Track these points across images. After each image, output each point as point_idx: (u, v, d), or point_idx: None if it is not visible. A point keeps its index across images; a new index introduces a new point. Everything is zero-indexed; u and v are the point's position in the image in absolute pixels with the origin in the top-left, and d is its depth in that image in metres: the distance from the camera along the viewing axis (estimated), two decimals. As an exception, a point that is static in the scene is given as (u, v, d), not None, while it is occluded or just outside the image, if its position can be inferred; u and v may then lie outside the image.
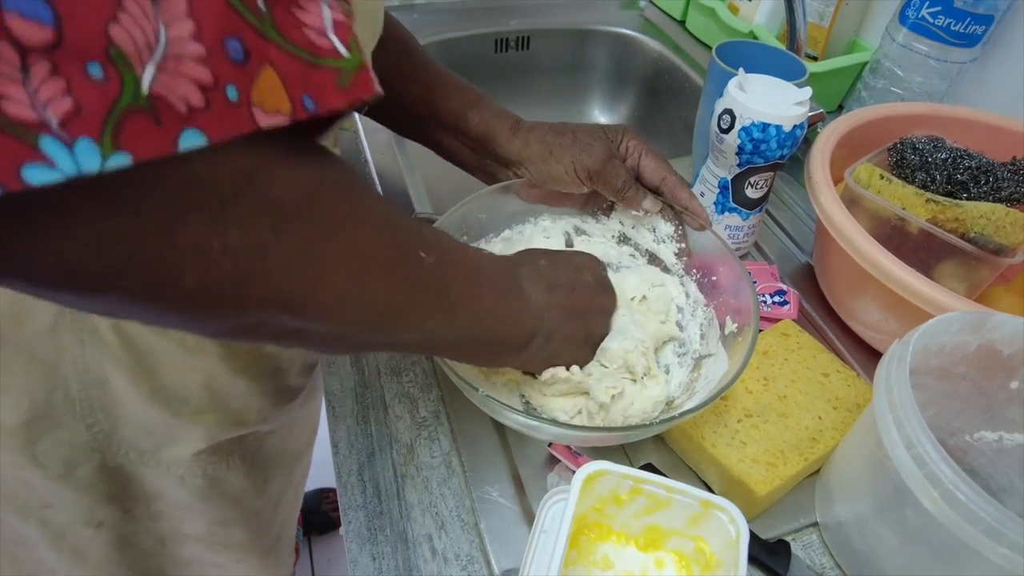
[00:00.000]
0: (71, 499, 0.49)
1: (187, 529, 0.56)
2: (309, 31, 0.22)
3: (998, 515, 0.31)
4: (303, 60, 0.22)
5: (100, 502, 0.50)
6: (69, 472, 0.48)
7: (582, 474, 0.36)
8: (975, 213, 0.52)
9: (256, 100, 0.21)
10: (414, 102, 0.53)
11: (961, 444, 0.47)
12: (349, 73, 0.23)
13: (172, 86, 0.19)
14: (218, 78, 0.20)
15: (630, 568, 0.39)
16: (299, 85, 0.22)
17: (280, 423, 0.59)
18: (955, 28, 0.68)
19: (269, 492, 0.63)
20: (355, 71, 0.24)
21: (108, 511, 0.51)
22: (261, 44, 0.21)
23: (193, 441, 0.50)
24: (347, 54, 0.23)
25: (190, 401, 0.48)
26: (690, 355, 0.50)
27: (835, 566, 0.43)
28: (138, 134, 0.18)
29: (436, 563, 0.42)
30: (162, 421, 0.48)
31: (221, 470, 0.54)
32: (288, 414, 0.59)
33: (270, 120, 0.21)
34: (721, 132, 0.56)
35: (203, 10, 0.19)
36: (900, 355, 0.38)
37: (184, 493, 0.53)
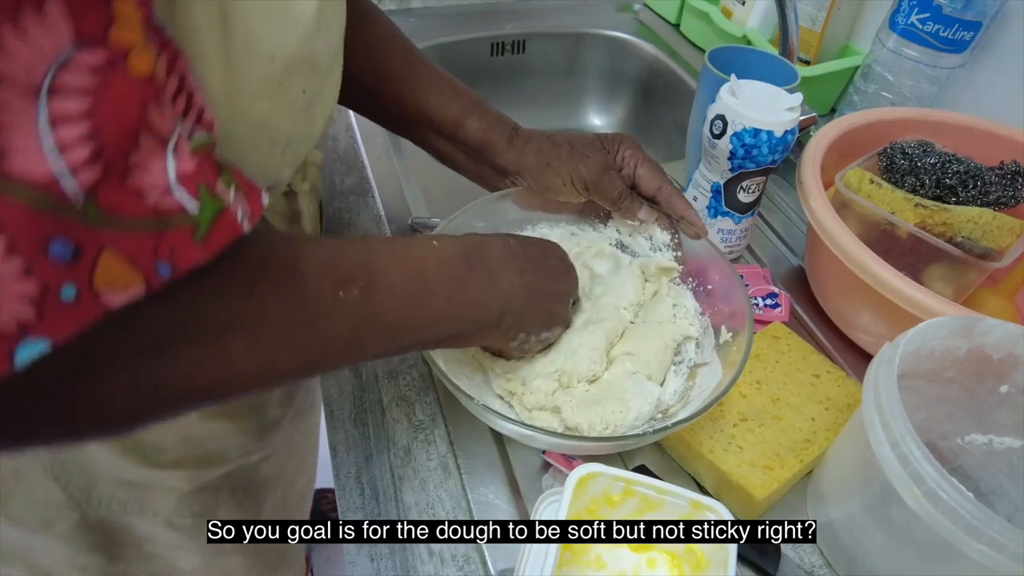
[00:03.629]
0: (52, 547, 0.48)
1: (183, 564, 0.56)
2: (153, 193, 0.21)
3: (978, 513, 0.32)
4: (148, 231, 0.21)
5: (83, 551, 0.50)
6: (46, 527, 0.47)
7: (575, 476, 0.37)
8: (963, 217, 0.52)
9: (101, 285, 0.20)
10: (408, 107, 0.53)
11: (952, 447, 0.48)
12: (206, 223, 0.22)
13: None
14: (48, 284, 0.19)
15: (623, 568, 0.39)
16: (148, 256, 0.21)
17: (272, 449, 0.58)
18: (944, 34, 0.69)
19: (264, 515, 0.62)
20: (212, 220, 0.22)
21: (93, 558, 0.50)
22: (90, 234, 0.20)
23: (175, 487, 0.50)
24: (196, 211, 0.22)
25: (166, 450, 0.47)
26: (685, 363, 0.50)
27: (825, 564, 0.44)
28: None
29: (433, 563, 0.42)
30: (140, 473, 0.48)
31: (210, 507, 0.54)
32: (277, 439, 0.58)
33: (122, 298, 0.21)
34: (713, 137, 0.57)
35: (11, 223, 0.18)
36: (889, 357, 0.39)
37: (174, 534, 0.53)
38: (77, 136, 0.19)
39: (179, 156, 0.22)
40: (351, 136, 0.78)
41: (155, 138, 0.21)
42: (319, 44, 0.34)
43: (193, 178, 0.22)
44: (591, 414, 0.44)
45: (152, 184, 0.21)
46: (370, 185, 0.71)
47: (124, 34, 0.19)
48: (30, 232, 0.18)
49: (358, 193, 0.70)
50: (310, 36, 0.33)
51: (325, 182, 0.71)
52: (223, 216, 0.23)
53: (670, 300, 0.53)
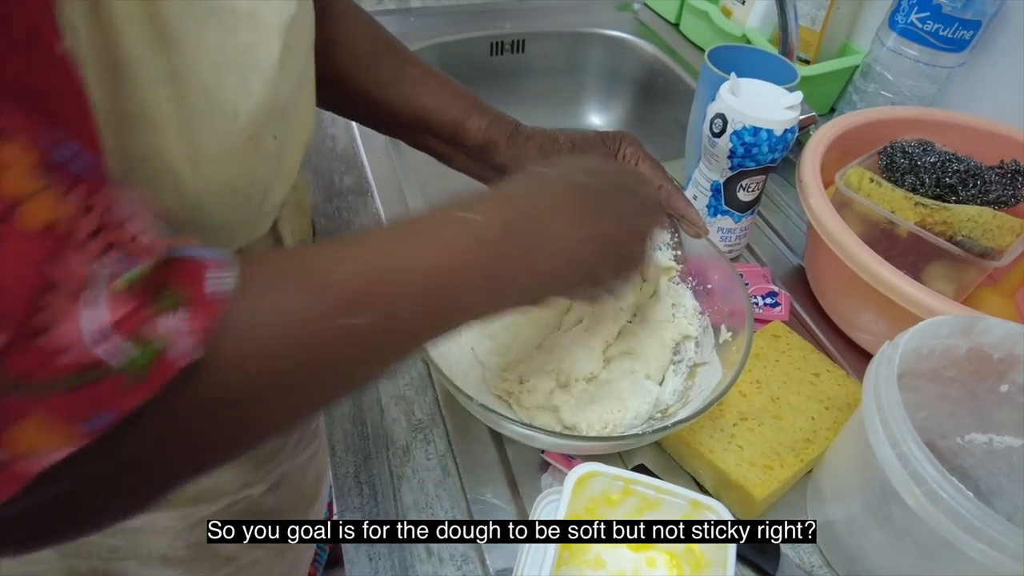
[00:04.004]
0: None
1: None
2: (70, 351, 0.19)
3: (978, 513, 0.31)
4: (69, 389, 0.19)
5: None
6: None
7: (574, 475, 0.37)
8: (963, 216, 0.52)
9: (25, 452, 0.19)
10: (403, 113, 0.52)
11: (952, 446, 0.48)
12: (140, 369, 0.21)
13: None
14: None
15: (622, 567, 0.39)
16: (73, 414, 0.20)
17: (279, 476, 0.57)
18: (943, 33, 0.68)
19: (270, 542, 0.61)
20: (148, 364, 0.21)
21: None
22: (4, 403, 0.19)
23: (169, 527, 0.49)
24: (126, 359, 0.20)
25: None
26: (685, 363, 0.50)
27: (824, 564, 0.44)
28: None
29: (432, 563, 0.42)
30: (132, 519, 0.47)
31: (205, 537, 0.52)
32: (281, 469, 0.57)
33: (50, 459, 0.20)
34: (713, 136, 0.57)
35: None
36: (889, 356, 0.39)
37: (169, 571, 0.52)
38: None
39: (100, 305, 0.20)
40: (350, 135, 0.78)
41: (65, 293, 0.19)
42: (284, 87, 0.32)
43: (116, 328, 0.20)
44: (589, 413, 0.44)
45: (67, 343, 0.19)
46: (369, 184, 0.71)
47: (14, 184, 0.18)
48: None
49: (357, 192, 0.70)
50: (274, 83, 0.31)
51: (323, 182, 0.71)
52: (161, 357, 0.21)
53: (669, 300, 0.52)
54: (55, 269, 0.19)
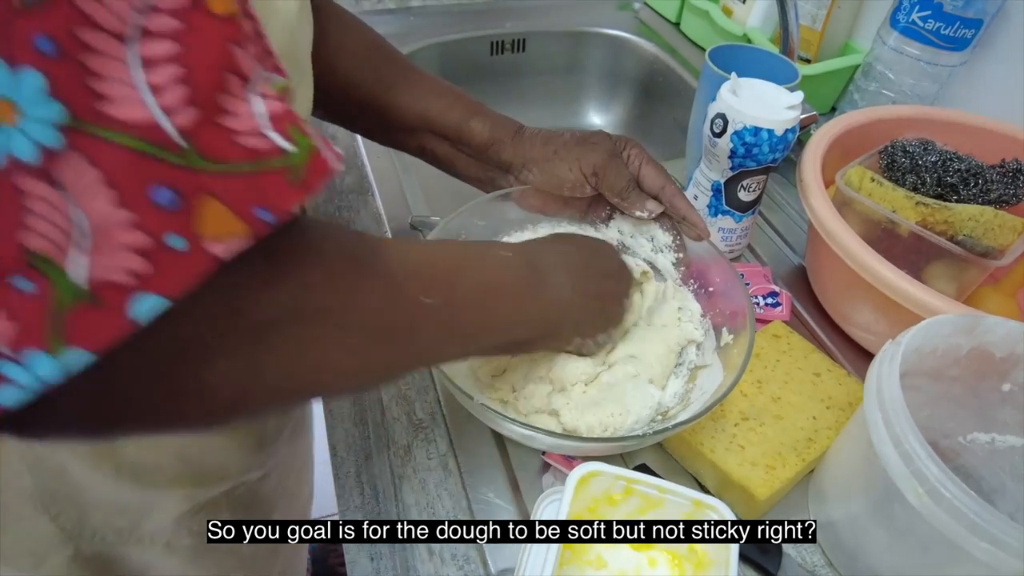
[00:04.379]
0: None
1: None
2: (245, 138, 0.20)
3: (981, 511, 0.31)
4: (245, 174, 0.20)
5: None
6: (39, 564, 0.46)
7: (576, 475, 0.37)
8: (964, 215, 0.52)
9: (207, 235, 0.20)
10: (407, 114, 0.52)
11: (954, 446, 0.48)
12: (300, 166, 0.22)
13: (109, 264, 0.18)
14: (156, 235, 0.19)
15: (624, 567, 0.39)
16: (248, 201, 0.20)
17: (272, 466, 0.57)
18: (945, 32, 0.68)
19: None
20: (306, 161, 0.22)
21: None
22: (192, 179, 0.19)
23: (172, 508, 0.49)
24: (292, 147, 0.21)
25: (162, 470, 0.46)
26: (686, 365, 0.50)
27: (827, 564, 0.44)
28: (86, 327, 0.18)
29: (433, 563, 0.42)
30: (134, 496, 0.46)
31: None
32: (276, 456, 0.57)
33: (228, 247, 0.20)
34: (714, 136, 0.57)
35: (116, 173, 0.18)
36: (891, 355, 0.39)
37: (173, 560, 0.52)
38: (169, 78, 0.18)
39: (266, 98, 0.21)
40: (351, 135, 0.77)
41: (241, 79, 0.20)
42: (301, 41, 0.34)
43: (283, 119, 0.21)
44: (590, 416, 0.44)
45: (244, 126, 0.20)
46: (370, 184, 0.71)
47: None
48: (136, 179, 0.18)
49: (358, 192, 0.70)
50: (293, 31, 0.33)
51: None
52: (316, 155, 0.22)
53: (675, 303, 0.52)
54: (236, 56, 0.20)
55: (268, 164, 0.21)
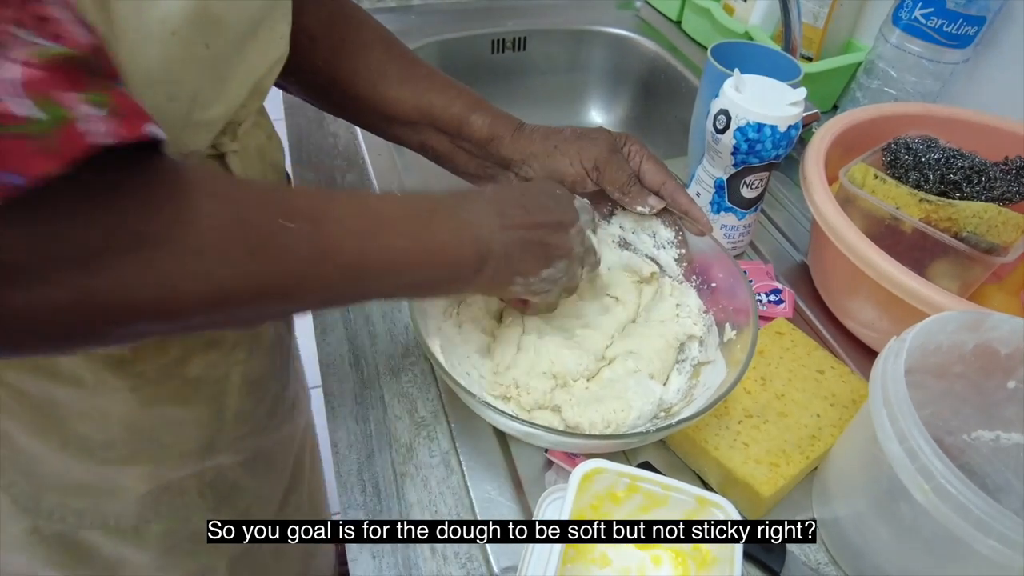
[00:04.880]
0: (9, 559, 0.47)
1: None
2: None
3: (987, 508, 0.31)
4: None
5: (43, 564, 0.48)
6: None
7: (579, 472, 0.37)
8: (968, 212, 0.52)
9: None
10: (409, 108, 0.52)
11: (959, 443, 0.47)
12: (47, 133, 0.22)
13: None
14: None
15: (627, 566, 0.39)
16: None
17: (252, 452, 0.56)
18: (947, 29, 0.68)
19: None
20: (54, 129, 0.22)
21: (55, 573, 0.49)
22: None
23: (132, 487, 0.48)
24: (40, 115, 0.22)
25: (115, 445, 0.45)
26: (689, 362, 0.50)
27: (831, 562, 0.44)
28: None
29: (435, 561, 0.42)
30: (89, 472, 0.46)
31: (179, 509, 0.51)
32: (249, 441, 0.55)
33: None
34: (717, 132, 0.56)
35: None
36: (896, 352, 0.39)
37: (145, 552, 0.51)
38: None
39: (16, 63, 0.21)
40: (351, 132, 0.77)
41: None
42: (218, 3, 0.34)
43: (26, 88, 0.21)
44: (592, 412, 0.44)
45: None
46: (371, 181, 0.71)
47: None
48: None
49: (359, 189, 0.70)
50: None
51: (324, 179, 0.71)
52: (61, 132, 0.22)
53: (673, 299, 0.52)
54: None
55: (8, 129, 0.21)
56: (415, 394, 0.51)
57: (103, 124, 0.23)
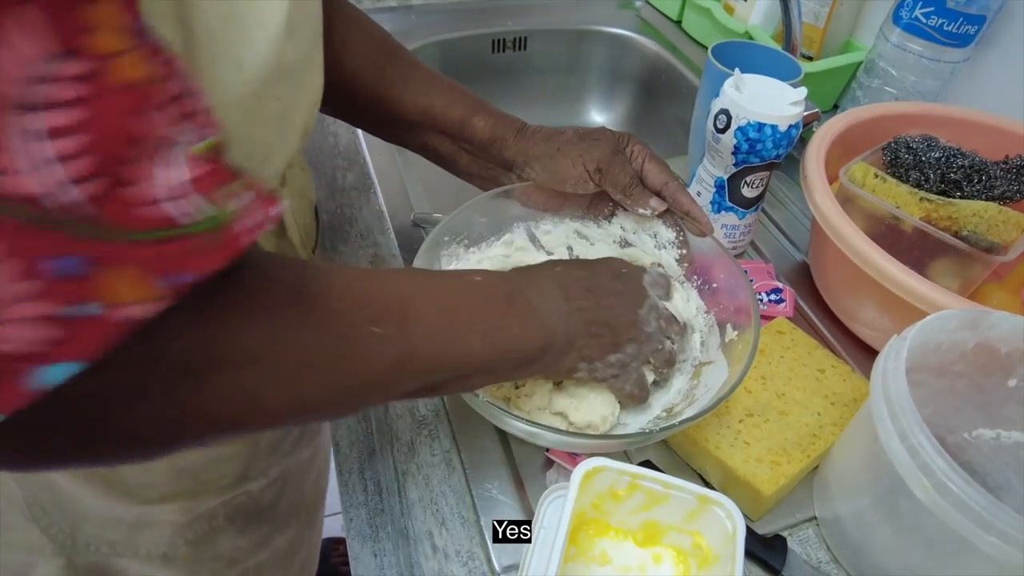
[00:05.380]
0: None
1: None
2: (152, 207, 0.20)
3: (988, 505, 0.31)
4: (152, 242, 0.20)
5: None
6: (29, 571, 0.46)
7: (581, 470, 0.37)
8: (968, 211, 0.52)
9: (121, 300, 0.20)
10: (411, 110, 0.52)
11: (959, 441, 0.48)
12: (211, 234, 0.22)
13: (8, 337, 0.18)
14: (63, 303, 0.19)
15: (628, 564, 0.39)
16: (161, 267, 0.21)
17: (279, 473, 0.57)
18: (948, 28, 0.68)
19: (276, 545, 0.60)
20: (218, 230, 0.22)
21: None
22: (99, 249, 0.19)
23: (170, 521, 0.48)
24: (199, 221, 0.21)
25: (155, 486, 0.46)
26: (690, 362, 0.50)
27: (831, 560, 0.44)
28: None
29: (437, 559, 0.42)
30: (128, 510, 0.46)
31: (206, 533, 0.52)
32: (277, 465, 0.56)
33: (145, 309, 0.21)
34: (717, 132, 0.56)
35: (15, 243, 0.18)
36: (897, 350, 0.39)
37: (170, 570, 0.51)
38: (74, 148, 0.18)
39: (179, 165, 0.21)
40: (352, 132, 0.77)
41: (152, 147, 0.20)
42: (291, 50, 0.33)
43: (195, 187, 0.21)
44: (586, 410, 0.44)
45: (152, 195, 0.20)
46: (372, 181, 0.71)
47: (106, 41, 0.19)
48: (35, 251, 0.18)
49: (360, 189, 0.70)
50: (281, 42, 0.32)
51: (325, 178, 0.71)
52: (227, 227, 0.22)
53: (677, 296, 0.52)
54: (146, 124, 0.20)
55: (174, 233, 0.21)
56: (416, 393, 0.51)
57: (258, 210, 0.23)
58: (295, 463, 0.60)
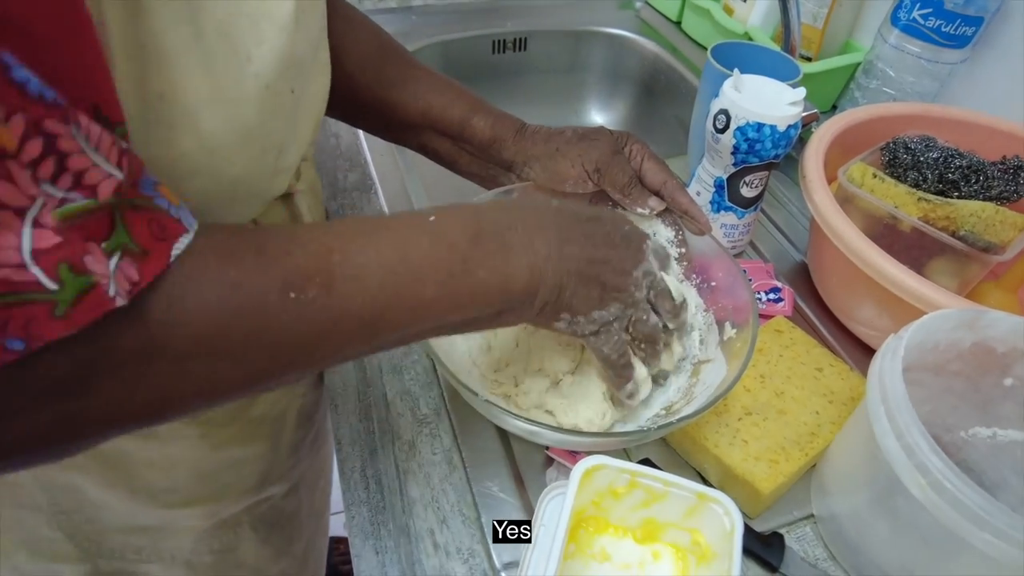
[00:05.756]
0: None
1: None
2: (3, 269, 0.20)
3: (983, 503, 0.32)
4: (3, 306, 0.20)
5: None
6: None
7: (580, 468, 0.37)
8: (965, 211, 0.53)
9: None
10: (410, 111, 0.52)
11: (956, 440, 0.48)
12: (66, 301, 0.21)
13: None
14: None
15: (627, 561, 0.39)
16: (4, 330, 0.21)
17: (297, 479, 0.57)
18: (946, 29, 0.69)
19: (295, 552, 0.61)
20: (75, 297, 0.21)
21: None
22: None
23: (193, 526, 0.49)
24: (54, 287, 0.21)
25: (178, 490, 0.46)
26: (689, 360, 0.50)
27: (828, 557, 0.44)
28: None
29: (438, 557, 0.42)
30: (153, 515, 0.46)
31: (231, 542, 0.52)
32: (298, 467, 0.57)
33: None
34: (717, 132, 0.57)
35: None
36: (894, 349, 0.39)
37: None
38: None
39: (38, 229, 0.20)
40: (353, 133, 0.78)
41: (9, 211, 0.20)
42: (300, 42, 0.34)
43: (52, 253, 0.21)
44: (583, 410, 0.44)
45: (3, 259, 0.20)
46: (373, 181, 0.71)
47: None
48: None
49: (361, 189, 0.71)
50: (290, 34, 0.32)
51: (327, 179, 0.72)
52: (88, 294, 0.22)
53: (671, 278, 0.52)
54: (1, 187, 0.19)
55: (25, 297, 0.21)
56: (417, 392, 0.52)
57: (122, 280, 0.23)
58: (311, 467, 0.61)
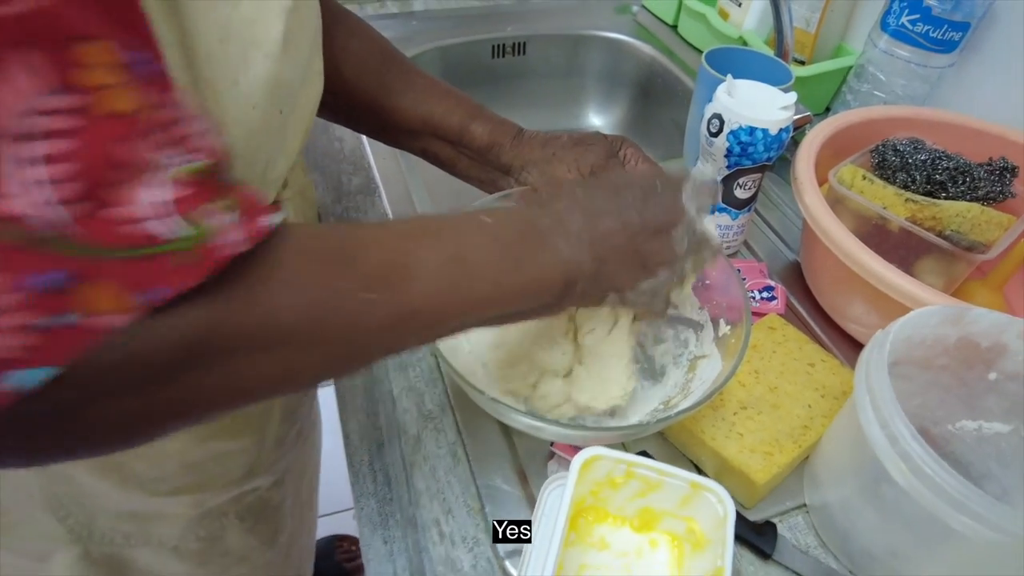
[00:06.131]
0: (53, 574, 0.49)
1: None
2: (132, 226, 0.21)
3: (960, 487, 0.33)
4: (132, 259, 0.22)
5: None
6: (46, 558, 0.48)
7: (579, 459, 0.39)
8: (952, 212, 0.54)
9: (99, 311, 0.21)
10: (410, 117, 0.53)
11: (944, 433, 0.49)
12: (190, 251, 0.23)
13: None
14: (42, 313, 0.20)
15: (625, 548, 0.41)
16: (137, 283, 0.22)
17: (282, 471, 0.58)
18: (934, 35, 0.70)
19: (280, 542, 0.62)
20: (197, 247, 0.23)
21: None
22: (79, 264, 0.21)
23: (181, 513, 0.50)
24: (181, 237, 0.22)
25: (167, 479, 0.47)
26: (685, 356, 0.52)
27: (819, 545, 0.46)
28: None
29: (444, 545, 0.44)
30: (142, 502, 0.48)
31: (216, 530, 0.54)
32: (284, 460, 0.58)
33: (112, 321, 0.21)
34: (710, 135, 0.58)
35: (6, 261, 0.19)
36: (880, 343, 0.41)
37: (181, 564, 0.53)
38: (64, 174, 0.20)
39: (162, 187, 0.22)
40: (357, 137, 0.79)
41: (136, 171, 0.21)
42: (287, 66, 0.34)
43: (176, 207, 0.22)
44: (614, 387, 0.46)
45: (134, 215, 0.21)
46: (376, 185, 0.73)
47: (98, 76, 0.20)
48: (21, 267, 0.20)
49: (365, 193, 0.72)
50: (277, 60, 0.33)
51: (331, 182, 0.73)
52: (204, 245, 0.23)
53: None
54: (125, 151, 0.21)
55: (151, 250, 0.22)
56: (422, 388, 0.53)
57: (237, 230, 0.24)
58: (296, 459, 0.62)
